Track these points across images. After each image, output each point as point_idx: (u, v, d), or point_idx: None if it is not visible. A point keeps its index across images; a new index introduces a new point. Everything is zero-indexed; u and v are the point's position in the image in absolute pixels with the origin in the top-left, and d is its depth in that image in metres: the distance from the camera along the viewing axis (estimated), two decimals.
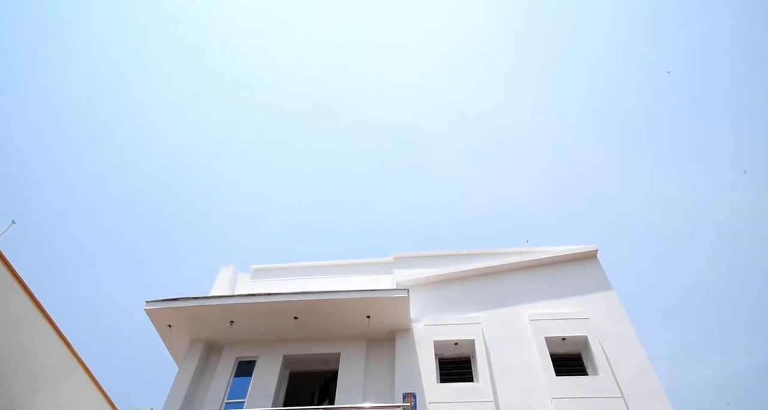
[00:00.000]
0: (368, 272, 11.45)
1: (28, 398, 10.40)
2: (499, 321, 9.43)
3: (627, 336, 8.76)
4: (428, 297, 10.15)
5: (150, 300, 9.35)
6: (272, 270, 12.09)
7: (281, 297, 9.39)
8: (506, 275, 10.42)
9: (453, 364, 9.06)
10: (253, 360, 9.64)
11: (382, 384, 8.87)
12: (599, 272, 10.13)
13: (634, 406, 7.59)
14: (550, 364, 8.40)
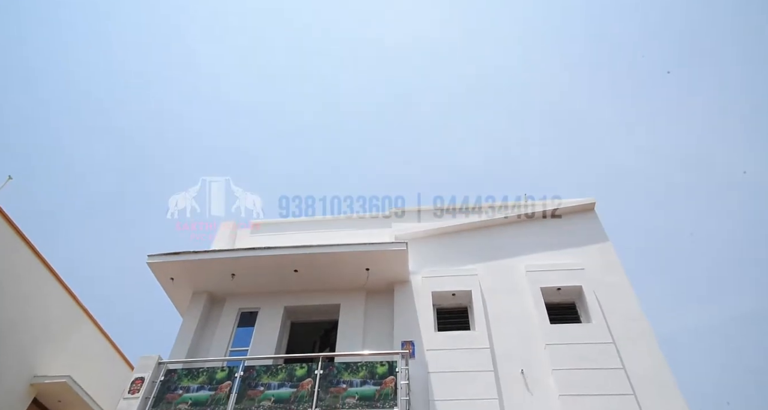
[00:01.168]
0: (367, 226, 11.53)
1: (39, 346, 10.75)
2: (496, 273, 9.60)
3: (621, 286, 8.96)
4: (426, 250, 10.28)
5: (152, 254, 9.48)
6: (272, 224, 12.16)
7: (281, 251, 9.51)
8: (504, 228, 10.52)
9: (450, 314, 9.30)
10: (255, 311, 9.89)
11: (381, 333, 9.13)
12: (596, 224, 10.22)
13: (624, 351, 7.87)
14: (544, 313, 8.64)
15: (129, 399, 7.39)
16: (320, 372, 7.54)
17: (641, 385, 7.42)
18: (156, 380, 7.72)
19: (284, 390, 7.47)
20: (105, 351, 12.76)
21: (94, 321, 12.49)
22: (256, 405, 7.32)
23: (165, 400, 7.48)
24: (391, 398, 7.15)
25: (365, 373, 7.53)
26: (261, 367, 7.85)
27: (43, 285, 11.14)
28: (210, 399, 7.44)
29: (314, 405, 7.16)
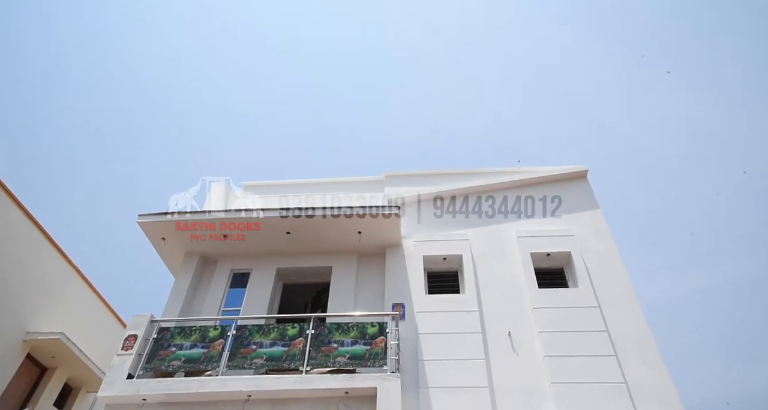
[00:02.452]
0: (359, 189, 11.49)
1: (31, 304, 10.81)
2: (487, 238, 9.68)
3: (609, 252, 9.08)
4: (419, 215, 10.31)
5: (143, 214, 9.40)
6: (264, 186, 12.08)
7: (273, 213, 9.48)
8: (496, 194, 10.53)
9: (441, 277, 9.42)
10: (248, 272, 9.95)
11: (373, 295, 9.24)
12: (588, 192, 10.26)
13: (609, 315, 8.07)
14: (533, 278, 8.78)
15: (122, 356, 7.48)
16: (312, 332, 7.65)
17: (623, 347, 7.65)
18: (149, 337, 7.80)
19: (276, 348, 7.60)
20: (97, 309, 12.87)
21: (86, 280, 12.54)
22: (249, 362, 7.45)
23: (158, 357, 7.59)
24: (381, 357, 7.30)
25: (356, 333, 7.65)
26: (253, 327, 7.95)
27: (34, 244, 11.10)
28: (203, 356, 7.56)
29: (306, 364, 7.30)
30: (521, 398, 7.31)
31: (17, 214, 10.64)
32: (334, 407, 6.93)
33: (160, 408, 7.12)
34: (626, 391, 7.11)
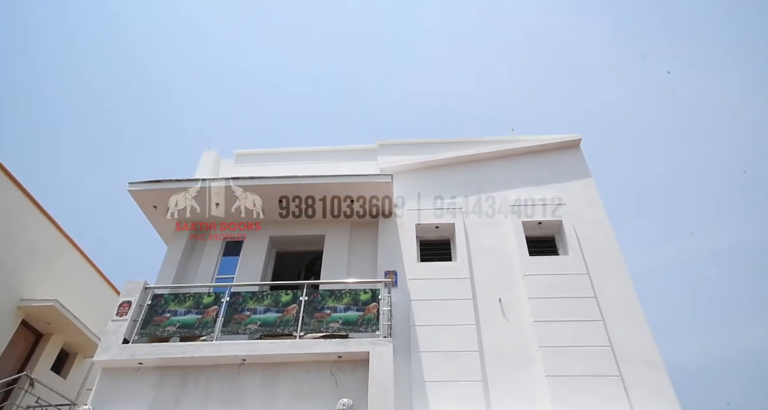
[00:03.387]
0: (352, 158, 11.42)
1: (24, 272, 10.81)
2: (480, 207, 9.72)
3: (599, 221, 9.17)
4: (412, 183, 10.29)
5: (133, 182, 9.32)
6: (256, 155, 11.97)
7: (266, 181, 9.43)
8: (489, 162, 10.52)
9: (433, 246, 9.50)
10: (241, 241, 9.96)
11: (365, 263, 9.31)
12: (580, 160, 10.26)
13: (597, 282, 8.21)
14: (524, 246, 8.87)
15: (117, 321, 7.55)
16: (305, 299, 7.73)
17: (610, 313, 7.82)
18: (143, 304, 7.86)
19: (270, 314, 7.69)
20: (90, 277, 12.91)
21: (78, 249, 12.52)
22: (243, 328, 7.55)
23: (153, 322, 7.67)
24: (373, 323, 7.42)
25: (349, 300, 7.75)
26: (247, 293, 8.02)
27: (25, 213, 11.02)
28: (197, 322, 7.65)
29: (299, 329, 7.42)
30: (510, 361, 7.51)
31: (6, 184, 10.51)
32: (328, 371, 7.07)
33: (155, 372, 7.24)
34: (611, 354, 7.32)
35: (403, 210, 9.78)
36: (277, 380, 7.09)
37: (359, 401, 6.64)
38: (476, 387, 7.20)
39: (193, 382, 7.15)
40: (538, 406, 6.97)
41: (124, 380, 7.17)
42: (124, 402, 6.95)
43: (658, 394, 6.93)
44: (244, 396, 6.94)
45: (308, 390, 6.93)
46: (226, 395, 6.98)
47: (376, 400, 6.50)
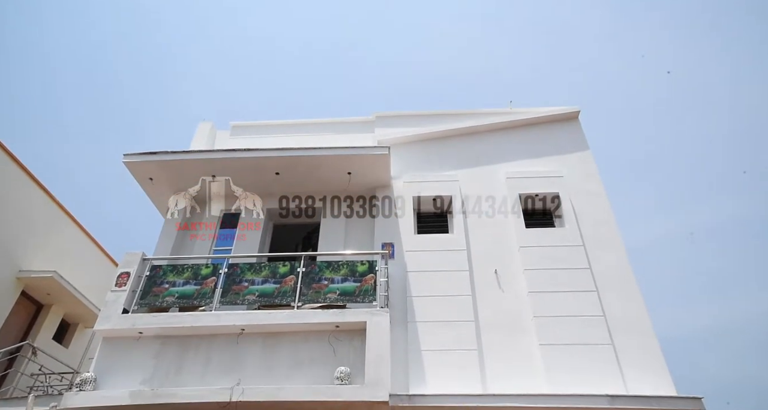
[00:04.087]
0: (349, 131, 11.31)
1: (22, 244, 10.85)
2: (477, 179, 9.70)
3: (596, 193, 9.17)
4: (409, 155, 10.24)
5: (128, 153, 9.23)
6: (252, 127, 11.85)
7: (262, 153, 9.36)
8: (486, 135, 10.44)
9: (430, 218, 9.52)
10: (238, 213, 9.96)
11: (362, 235, 9.35)
12: (578, 133, 10.19)
13: (592, 253, 8.28)
14: (521, 218, 8.90)
15: (116, 292, 7.61)
16: (302, 270, 7.79)
17: (604, 284, 7.92)
18: (141, 275, 7.91)
19: (268, 285, 7.76)
20: (88, 249, 12.96)
21: (75, 221, 12.52)
22: (241, 299, 7.63)
23: (152, 293, 7.74)
24: (370, 294, 7.50)
25: (346, 271, 7.81)
26: (245, 265, 8.07)
27: (21, 185, 10.97)
28: (196, 292, 7.72)
29: (297, 300, 7.50)
30: (504, 331, 7.64)
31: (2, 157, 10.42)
32: (326, 340, 7.17)
33: (156, 341, 7.34)
34: (604, 323, 7.45)
35: (401, 183, 9.75)
36: (275, 349, 7.19)
37: (356, 369, 6.77)
38: (471, 355, 7.35)
39: (193, 351, 7.25)
40: (531, 374, 7.14)
41: (124, 349, 7.27)
42: (126, 371, 7.07)
43: (649, 362, 7.09)
44: (244, 365, 7.05)
45: (306, 359, 7.05)
46: (226, 363, 7.09)
47: (373, 368, 6.63)
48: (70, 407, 6.62)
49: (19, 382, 9.27)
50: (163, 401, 6.56)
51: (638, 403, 6.42)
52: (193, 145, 11.14)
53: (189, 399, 6.58)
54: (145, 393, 6.66)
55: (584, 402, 6.42)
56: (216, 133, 11.86)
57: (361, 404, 6.51)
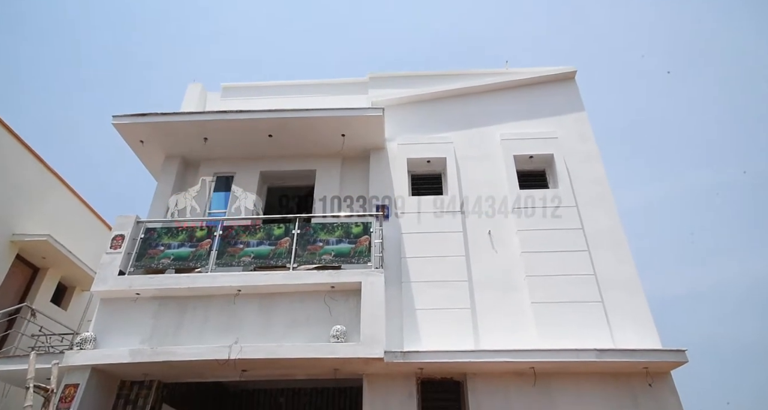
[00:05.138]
0: (343, 92, 11.12)
1: (14, 208, 10.77)
2: (471, 141, 9.64)
3: (590, 154, 9.16)
4: (403, 117, 10.12)
5: (117, 115, 9.06)
6: (243, 88, 11.60)
7: (254, 115, 9.21)
8: (481, 96, 10.30)
9: (424, 180, 9.51)
10: (231, 176, 9.89)
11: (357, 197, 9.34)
12: (574, 93, 10.06)
13: (585, 214, 8.36)
14: (515, 179, 8.91)
15: (111, 254, 7.63)
16: (297, 232, 7.82)
17: (596, 243, 8.03)
18: (136, 237, 7.91)
19: (263, 247, 7.79)
20: (81, 213, 12.90)
21: (67, 185, 12.41)
22: (237, 260, 7.68)
23: (147, 255, 7.77)
24: (365, 255, 7.57)
25: (341, 233, 7.85)
26: (239, 227, 8.08)
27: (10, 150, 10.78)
28: (191, 254, 7.76)
29: (292, 261, 7.56)
30: (497, 289, 7.78)
31: None
32: (322, 300, 7.28)
33: (153, 302, 7.42)
34: (595, 281, 7.60)
35: (395, 144, 9.68)
36: (272, 309, 7.30)
37: (352, 328, 6.91)
38: (464, 314, 7.51)
39: (190, 311, 7.35)
40: (523, 331, 7.33)
41: (122, 310, 7.36)
42: (124, 331, 7.18)
43: (637, 318, 7.29)
44: (241, 325, 7.17)
45: (303, 318, 7.17)
46: (223, 323, 7.21)
47: (368, 326, 6.77)
48: (71, 365, 6.76)
49: (20, 343, 9.42)
50: (163, 359, 6.70)
51: (625, 356, 6.64)
52: (183, 107, 10.94)
53: (188, 356, 6.72)
54: (144, 351, 6.80)
55: (573, 356, 6.63)
56: (207, 95, 11.63)
57: (357, 360, 6.70)
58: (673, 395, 6.69)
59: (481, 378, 6.98)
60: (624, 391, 6.75)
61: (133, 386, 7.33)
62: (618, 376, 6.84)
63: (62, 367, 6.66)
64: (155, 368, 6.99)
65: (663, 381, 6.78)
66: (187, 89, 11.45)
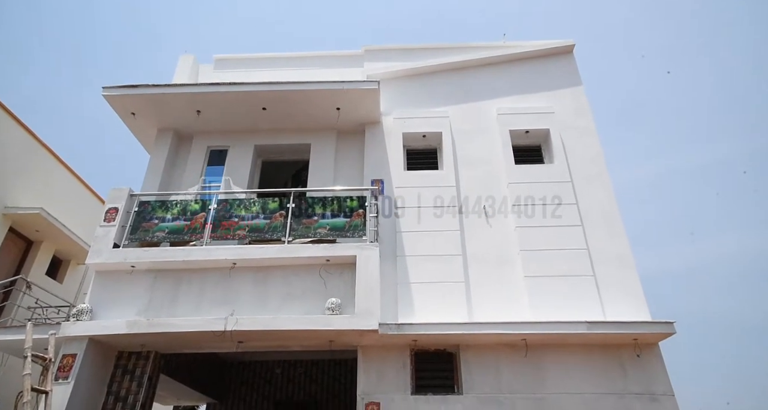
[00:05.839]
0: (338, 65, 10.94)
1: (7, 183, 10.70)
2: (468, 115, 9.57)
3: (586, 130, 9.13)
4: (398, 91, 10.01)
5: (108, 86, 8.90)
6: (236, 60, 11.39)
7: (248, 87, 9.07)
8: (478, 70, 10.18)
9: (420, 155, 9.47)
10: (225, 150, 9.80)
11: (352, 172, 9.30)
12: (572, 68, 9.96)
13: (580, 189, 8.38)
14: (510, 155, 8.89)
15: (105, 227, 7.61)
16: (292, 206, 7.81)
17: (590, 219, 8.08)
18: (130, 210, 7.88)
19: (258, 221, 7.79)
20: (74, 186, 12.82)
21: (59, 159, 12.28)
22: (232, 234, 7.68)
23: (141, 228, 7.75)
24: (360, 229, 7.59)
25: (336, 207, 7.85)
26: (234, 201, 8.06)
27: None
28: (186, 228, 7.74)
29: (287, 235, 7.57)
30: (491, 264, 7.86)
31: None
32: (317, 273, 7.33)
33: (149, 274, 7.44)
34: (587, 256, 7.68)
35: (390, 119, 9.60)
36: (267, 282, 7.34)
37: (347, 300, 6.98)
38: (458, 287, 7.60)
39: (186, 284, 7.38)
40: (516, 304, 7.44)
41: (118, 282, 7.38)
42: (120, 303, 7.22)
43: (628, 291, 7.40)
44: (237, 297, 7.22)
45: (298, 291, 7.23)
46: (219, 296, 7.25)
47: (363, 299, 6.84)
48: (68, 335, 6.82)
49: (17, 314, 9.46)
50: (159, 330, 6.77)
51: (615, 328, 6.77)
52: (175, 79, 10.75)
53: (185, 328, 6.79)
54: (141, 322, 6.85)
55: (564, 328, 6.76)
56: (199, 67, 11.42)
57: (352, 332, 6.79)
58: (660, 365, 6.86)
59: (473, 349, 7.12)
60: (613, 362, 6.91)
61: (131, 356, 7.42)
62: (607, 347, 6.99)
63: (59, 338, 6.71)
64: (152, 339, 7.06)
65: (651, 352, 6.94)
66: (179, 61, 11.23)
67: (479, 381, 6.87)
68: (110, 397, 7.05)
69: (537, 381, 6.83)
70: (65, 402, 6.33)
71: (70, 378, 6.58)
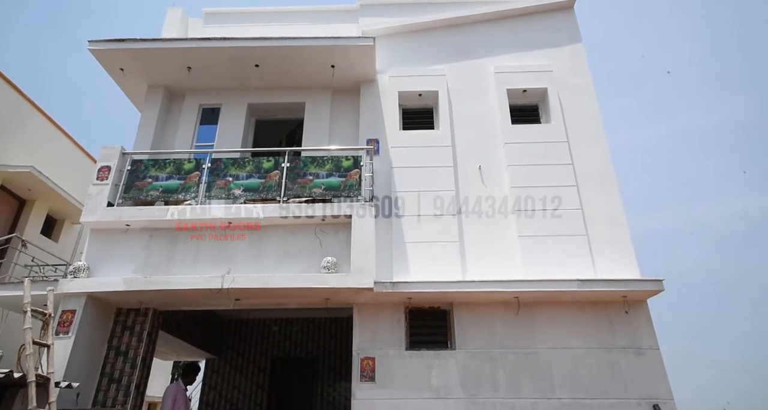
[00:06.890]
0: (332, 20, 10.61)
1: None
2: (464, 73, 9.38)
3: (584, 88, 8.99)
4: (394, 49, 9.76)
5: (94, 40, 8.60)
6: (227, 14, 11.00)
7: (239, 42, 8.80)
8: (476, 26, 9.90)
9: (416, 114, 9.34)
10: (218, 108, 9.63)
11: (347, 131, 9.19)
12: (572, 24, 9.70)
13: (576, 149, 8.35)
14: (507, 114, 8.79)
15: (98, 186, 7.54)
16: (287, 165, 7.75)
17: (585, 179, 8.09)
18: (123, 169, 7.80)
19: (253, 180, 7.75)
20: (64, 145, 12.63)
21: (48, 117, 12.04)
22: (226, 193, 7.65)
23: (135, 187, 7.70)
24: (355, 188, 7.57)
25: (331, 167, 7.80)
26: (228, 160, 7.98)
27: None
28: (180, 187, 7.70)
29: (282, 194, 7.55)
30: (486, 224, 7.91)
31: None
32: (312, 233, 7.37)
33: (144, 233, 7.45)
34: (581, 216, 7.75)
35: (386, 77, 9.41)
36: (263, 241, 7.38)
37: (342, 259, 7.05)
38: (453, 247, 7.67)
39: (182, 243, 7.42)
40: (509, 263, 7.55)
41: (113, 241, 7.40)
42: (116, 261, 7.26)
43: (619, 250, 7.51)
44: (233, 256, 7.28)
45: (294, 250, 7.28)
46: (215, 255, 7.30)
47: (358, 258, 6.90)
48: (66, 292, 6.89)
49: (14, 272, 9.51)
50: (156, 287, 6.84)
51: (605, 285, 6.92)
52: (164, 33, 10.40)
53: (182, 285, 6.86)
54: (138, 280, 6.91)
55: (556, 286, 6.90)
56: (188, 22, 11.03)
57: (348, 290, 6.90)
58: (647, 321, 7.06)
59: (467, 307, 7.27)
60: (601, 318, 7.10)
61: (130, 313, 7.54)
62: (597, 304, 7.16)
63: (58, 295, 6.78)
64: (150, 296, 7.15)
65: (639, 308, 7.13)
66: (167, 14, 10.83)
67: (472, 337, 7.07)
68: (111, 352, 7.21)
69: (528, 337, 7.03)
70: (67, 355, 6.47)
71: (71, 333, 6.70)
